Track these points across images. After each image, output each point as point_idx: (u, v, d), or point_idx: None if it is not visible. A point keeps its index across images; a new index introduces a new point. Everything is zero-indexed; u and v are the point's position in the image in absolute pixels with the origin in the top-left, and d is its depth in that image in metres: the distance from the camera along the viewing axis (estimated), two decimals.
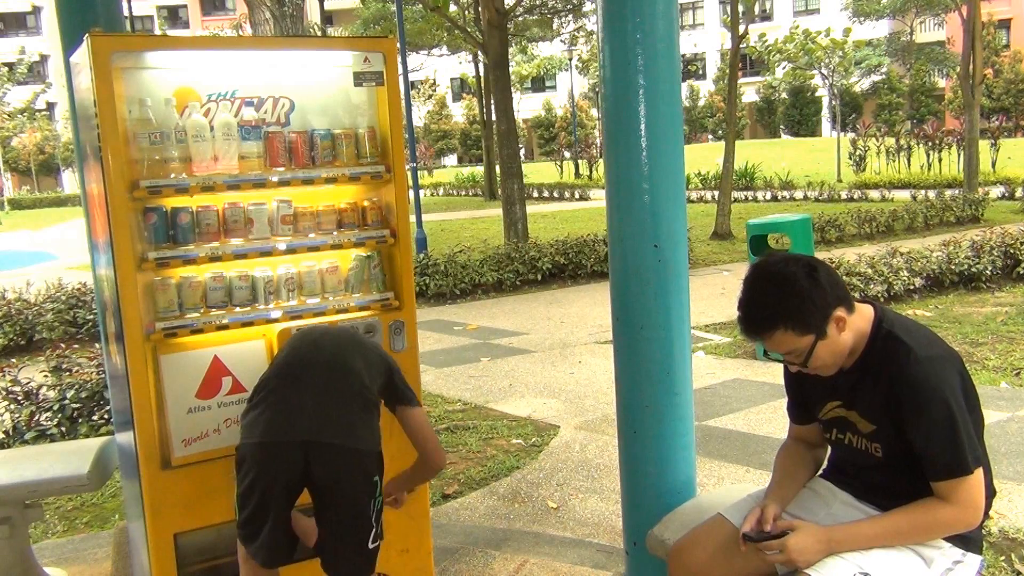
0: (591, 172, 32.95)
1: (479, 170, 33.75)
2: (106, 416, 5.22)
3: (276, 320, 2.89)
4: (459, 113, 53.23)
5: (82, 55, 2.69)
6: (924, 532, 2.06)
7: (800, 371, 2.16)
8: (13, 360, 7.39)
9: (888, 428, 2.09)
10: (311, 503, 2.40)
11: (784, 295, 2.03)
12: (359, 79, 2.99)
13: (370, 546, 2.38)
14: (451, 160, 53.80)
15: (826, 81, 36.27)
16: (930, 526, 2.05)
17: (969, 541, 2.11)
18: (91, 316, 8.88)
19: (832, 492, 2.26)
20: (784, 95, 49.26)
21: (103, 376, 5.27)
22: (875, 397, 2.10)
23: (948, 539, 2.08)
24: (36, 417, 5.30)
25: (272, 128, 2.92)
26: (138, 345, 2.66)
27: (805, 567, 2.03)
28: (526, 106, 48.09)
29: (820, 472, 2.39)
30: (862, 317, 2.13)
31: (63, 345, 6.39)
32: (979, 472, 2.02)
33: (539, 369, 7.20)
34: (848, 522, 2.13)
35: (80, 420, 5.28)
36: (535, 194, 28.01)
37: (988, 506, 2.11)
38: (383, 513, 2.45)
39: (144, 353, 2.68)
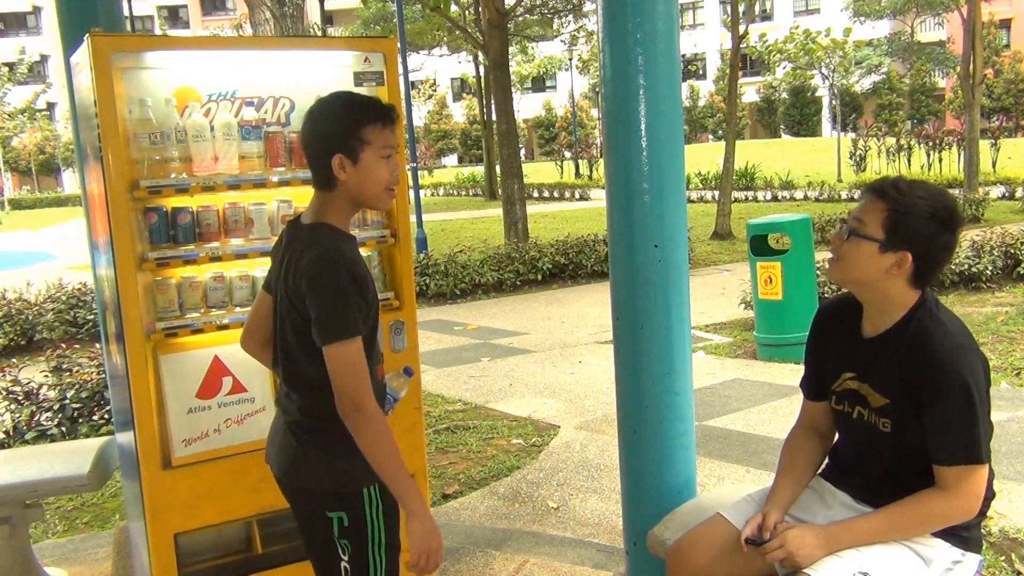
0: (591, 172, 32.93)
1: (479, 170, 33.73)
2: (106, 416, 5.22)
3: None
4: (459, 113, 53.23)
5: (82, 55, 2.69)
6: (922, 523, 2.06)
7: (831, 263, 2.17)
8: (13, 360, 7.39)
9: (903, 403, 2.07)
10: None
11: (920, 201, 2.03)
12: (359, 79, 2.99)
13: None
14: (451, 160, 53.78)
15: (826, 81, 36.26)
16: (928, 517, 2.05)
17: (968, 541, 2.11)
18: (91, 316, 8.88)
19: (832, 494, 2.26)
20: (784, 95, 49.24)
21: (103, 376, 5.27)
22: (895, 370, 2.08)
23: (947, 539, 2.08)
24: (36, 417, 5.30)
25: (272, 128, 2.92)
26: (138, 345, 2.66)
27: (805, 564, 2.03)
28: (526, 106, 48.06)
29: (820, 470, 2.39)
30: (912, 295, 2.11)
31: (63, 345, 6.39)
32: (986, 467, 2.03)
33: (539, 369, 7.19)
34: (846, 519, 2.13)
35: (80, 420, 5.28)
36: (535, 194, 28.01)
37: (987, 507, 2.11)
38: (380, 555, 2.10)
39: (144, 353, 2.68)
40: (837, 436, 2.35)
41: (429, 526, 1.97)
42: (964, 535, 2.10)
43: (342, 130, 1.99)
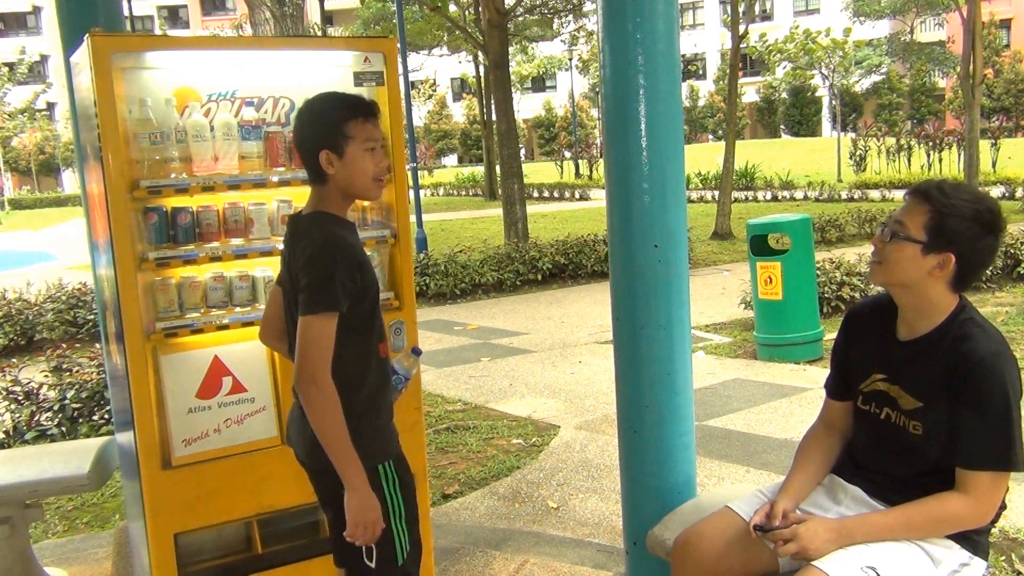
0: (591, 172, 32.93)
1: (479, 170, 33.73)
2: (106, 416, 5.22)
3: None
4: (459, 113, 53.21)
5: (82, 55, 2.69)
6: (937, 525, 2.06)
7: (873, 264, 2.17)
8: (13, 360, 7.39)
9: (939, 407, 2.06)
10: None
11: (964, 203, 2.04)
12: (359, 79, 2.99)
13: (367, 563, 2.16)
14: (451, 160, 53.77)
15: (826, 81, 36.27)
16: (943, 519, 2.05)
17: (977, 545, 2.11)
18: (91, 316, 8.89)
19: (843, 488, 2.26)
20: (784, 95, 49.22)
21: (103, 376, 5.27)
22: (932, 374, 2.07)
23: (958, 541, 2.08)
24: (36, 417, 5.30)
25: (272, 128, 2.92)
26: (138, 345, 2.66)
27: (815, 557, 2.03)
28: (526, 106, 48.04)
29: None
30: (951, 299, 2.12)
31: (63, 345, 6.39)
32: (1009, 476, 2.03)
33: (539, 369, 7.19)
34: (859, 514, 2.13)
35: (80, 420, 5.28)
36: (535, 194, 28.00)
37: (998, 515, 2.11)
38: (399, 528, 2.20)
39: (144, 353, 2.68)
40: (857, 430, 2.34)
41: (366, 499, 2.07)
42: (975, 539, 2.10)
43: (326, 127, 2.13)
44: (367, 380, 2.18)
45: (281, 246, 2.88)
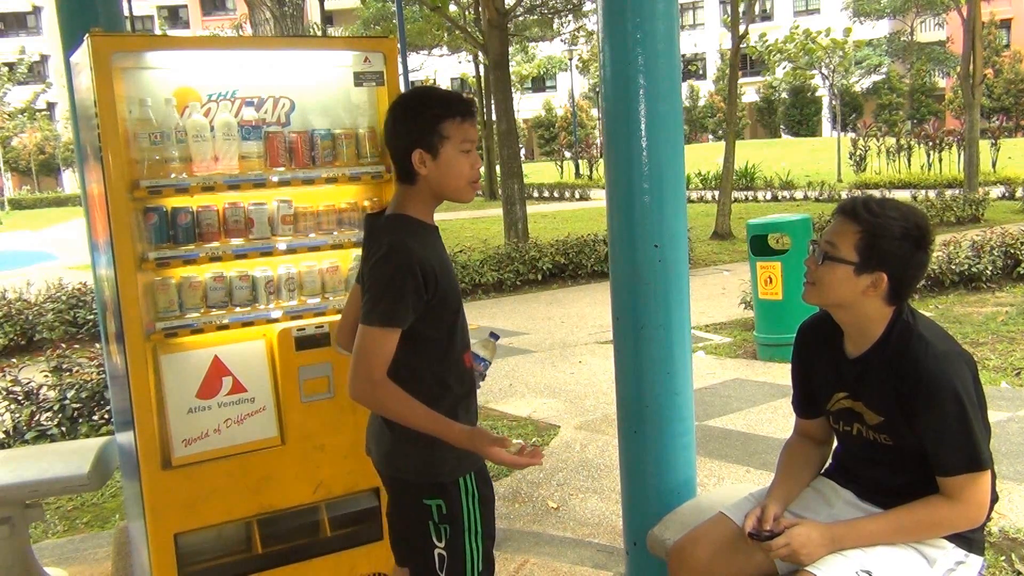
0: (591, 172, 32.93)
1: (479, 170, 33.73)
2: (106, 416, 5.22)
3: (276, 320, 2.90)
4: None
5: (82, 55, 2.69)
6: (927, 529, 2.06)
7: (807, 286, 2.18)
8: (13, 360, 7.39)
9: (898, 419, 2.07)
10: None
11: (893, 221, 2.04)
12: (359, 79, 2.99)
13: (440, 573, 2.09)
14: None
15: (826, 81, 36.24)
16: (933, 523, 2.05)
17: (972, 542, 2.11)
18: (91, 316, 8.88)
19: (835, 491, 2.26)
20: (784, 95, 49.21)
21: (103, 376, 5.27)
22: (884, 388, 2.09)
23: (951, 540, 2.08)
24: (36, 417, 5.30)
25: (272, 128, 2.92)
26: (138, 345, 2.66)
27: (808, 562, 2.03)
28: (526, 106, 48.02)
29: (823, 470, 2.39)
30: (888, 311, 2.12)
31: (63, 345, 6.39)
32: (988, 473, 2.03)
33: (539, 369, 7.19)
34: (851, 519, 2.13)
35: (80, 420, 5.28)
36: (535, 194, 27.99)
37: (991, 509, 2.11)
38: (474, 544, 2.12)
39: (144, 353, 2.68)
40: (838, 443, 2.36)
41: (474, 446, 1.96)
42: (968, 536, 2.10)
43: (421, 126, 2.01)
44: (450, 391, 2.08)
45: (282, 245, 2.90)
